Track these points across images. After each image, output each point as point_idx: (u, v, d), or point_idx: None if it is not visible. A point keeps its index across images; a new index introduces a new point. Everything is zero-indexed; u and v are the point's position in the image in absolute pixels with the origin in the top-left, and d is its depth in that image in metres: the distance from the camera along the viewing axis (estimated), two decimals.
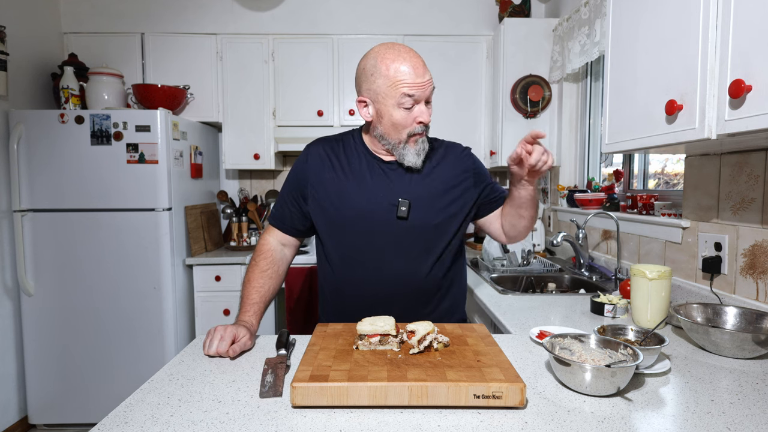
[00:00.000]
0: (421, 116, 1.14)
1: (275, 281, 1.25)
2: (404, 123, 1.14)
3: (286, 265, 1.30)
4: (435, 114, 2.78)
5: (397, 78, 1.11)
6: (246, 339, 1.05)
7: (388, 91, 1.12)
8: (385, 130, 1.17)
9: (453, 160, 1.27)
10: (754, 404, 0.81)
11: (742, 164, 1.33)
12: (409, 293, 1.22)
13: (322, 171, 1.23)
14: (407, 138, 1.16)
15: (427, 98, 1.15)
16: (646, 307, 1.25)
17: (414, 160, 1.18)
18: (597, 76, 2.49)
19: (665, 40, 1.14)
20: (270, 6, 2.86)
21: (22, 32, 2.49)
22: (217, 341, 1.02)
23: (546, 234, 2.79)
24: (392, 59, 1.12)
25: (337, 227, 1.22)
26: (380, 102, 1.14)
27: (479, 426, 0.73)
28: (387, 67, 1.11)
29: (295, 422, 0.74)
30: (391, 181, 1.21)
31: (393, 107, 1.13)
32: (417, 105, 1.14)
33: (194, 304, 2.60)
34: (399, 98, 1.11)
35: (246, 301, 1.19)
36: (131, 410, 0.79)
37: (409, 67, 1.11)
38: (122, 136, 2.33)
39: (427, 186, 1.21)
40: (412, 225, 1.19)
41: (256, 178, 3.19)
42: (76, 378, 2.39)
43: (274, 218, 1.30)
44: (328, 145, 1.28)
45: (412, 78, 1.10)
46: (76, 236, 2.35)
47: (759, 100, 0.87)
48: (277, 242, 1.29)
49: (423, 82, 1.12)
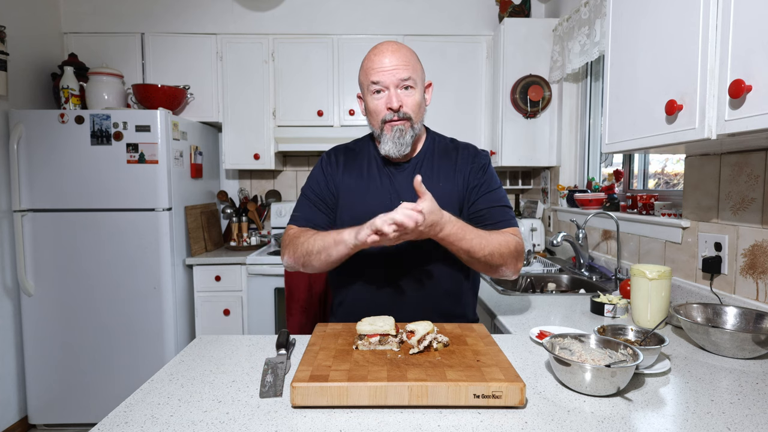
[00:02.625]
0: (389, 102, 1.14)
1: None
2: (376, 110, 1.16)
3: None
4: (434, 114, 2.81)
5: (367, 66, 1.16)
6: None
7: (363, 80, 1.18)
8: (369, 121, 1.21)
9: (463, 160, 1.24)
10: (754, 404, 0.81)
11: (742, 164, 1.33)
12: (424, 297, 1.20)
13: (338, 176, 1.25)
14: (382, 125, 1.16)
15: (396, 84, 1.13)
16: (646, 307, 1.25)
17: (389, 149, 1.16)
18: (597, 76, 2.49)
19: (665, 40, 1.14)
20: (270, 6, 2.86)
21: (22, 32, 2.49)
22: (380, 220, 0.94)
23: (546, 234, 2.79)
24: (371, 51, 1.18)
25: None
26: (363, 93, 1.20)
27: (479, 426, 0.73)
28: (365, 58, 1.18)
29: (295, 422, 0.74)
30: (396, 182, 1.21)
31: (368, 96, 1.17)
32: (386, 91, 1.14)
33: (194, 304, 2.60)
34: (368, 85, 1.15)
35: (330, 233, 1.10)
36: (131, 410, 0.79)
37: (378, 54, 1.15)
38: (122, 136, 2.33)
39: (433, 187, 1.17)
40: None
41: (256, 178, 3.19)
42: (76, 378, 2.39)
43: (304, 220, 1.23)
44: (345, 150, 1.30)
45: (378, 64, 1.13)
46: (76, 236, 2.35)
47: (759, 100, 0.87)
48: None
49: (388, 67, 1.12)
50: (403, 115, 1.14)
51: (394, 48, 1.15)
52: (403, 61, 1.13)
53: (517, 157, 2.69)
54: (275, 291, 2.59)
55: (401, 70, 1.13)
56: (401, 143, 1.16)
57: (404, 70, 1.13)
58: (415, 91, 1.16)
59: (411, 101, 1.15)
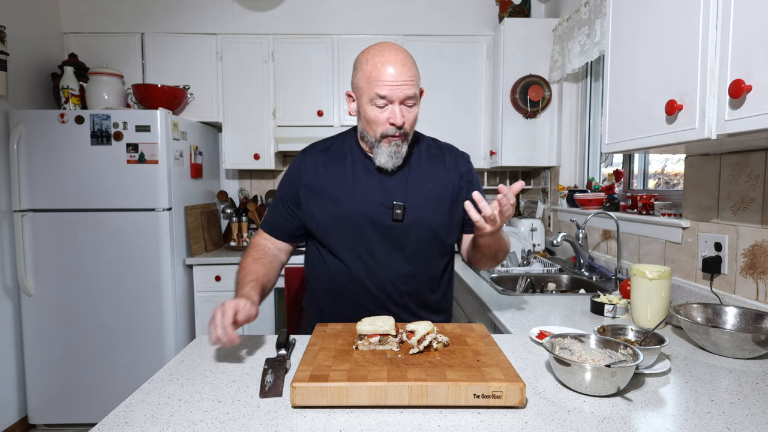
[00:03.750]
0: (392, 117, 1.10)
1: (269, 269, 1.21)
2: (376, 121, 1.12)
3: (279, 264, 1.28)
4: (435, 114, 2.82)
5: (372, 75, 1.09)
6: (248, 306, 0.99)
7: (364, 86, 1.11)
8: (363, 126, 1.17)
9: (451, 163, 1.27)
10: (754, 404, 0.81)
11: (742, 164, 1.33)
12: (404, 294, 1.22)
13: (316, 176, 1.22)
14: (380, 138, 1.14)
15: (402, 100, 1.10)
16: (646, 307, 1.25)
17: (384, 162, 1.16)
18: (597, 76, 2.49)
19: (665, 40, 1.14)
20: (270, 6, 2.86)
21: (22, 32, 2.49)
22: (220, 317, 0.93)
23: (546, 234, 2.79)
24: (373, 55, 1.11)
25: (332, 230, 1.21)
26: (359, 97, 1.15)
27: (479, 426, 0.73)
28: (367, 62, 1.11)
29: (295, 422, 0.74)
30: (385, 183, 1.20)
31: (367, 104, 1.12)
32: (390, 105, 1.11)
33: (194, 304, 2.60)
34: (372, 96, 1.10)
35: (241, 283, 1.13)
36: (131, 410, 0.79)
37: (386, 65, 1.08)
38: (122, 136, 2.33)
39: (423, 188, 1.21)
40: (408, 227, 1.19)
41: (256, 178, 3.19)
42: (76, 378, 2.39)
43: (266, 223, 1.30)
44: (322, 149, 1.27)
45: (386, 77, 1.08)
46: (76, 236, 2.35)
47: (759, 100, 0.87)
48: (270, 244, 1.29)
49: (397, 82, 1.08)
50: (404, 131, 1.14)
51: (402, 59, 1.10)
52: (410, 76, 1.10)
53: (517, 157, 2.69)
54: (275, 291, 2.59)
55: (408, 87, 1.10)
56: (397, 157, 1.16)
57: (411, 87, 1.10)
58: (416, 107, 1.16)
59: (411, 117, 1.15)
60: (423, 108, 2.88)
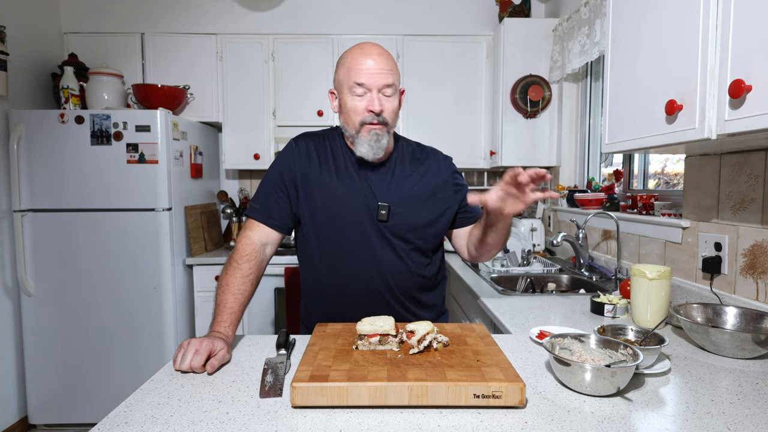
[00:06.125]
0: (371, 105, 1.13)
1: (255, 286, 1.17)
2: (355, 110, 1.15)
3: (265, 267, 1.22)
4: (435, 114, 2.82)
5: (350, 65, 1.14)
6: (224, 352, 0.97)
7: (344, 79, 1.16)
8: (344, 119, 1.19)
9: (435, 166, 1.28)
10: (754, 404, 0.81)
11: (742, 164, 1.33)
12: (390, 295, 1.23)
13: (309, 167, 1.22)
14: (360, 127, 1.15)
15: (380, 88, 1.13)
16: (646, 307, 1.25)
17: (365, 152, 1.17)
18: (597, 76, 2.49)
19: (665, 40, 1.14)
20: (270, 6, 2.86)
21: (22, 32, 2.49)
22: (191, 355, 0.92)
23: (546, 234, 2.79)
24: (353, 50, 1.16)
25: (321, 227, 1.21)
26: (340, 91, 1.18)
27: (479, 426, 0.73)
28: (347, 56, 1.17)
29: (295, 422, 0.74)
30: (372, 183, 1.21)
31: (347, 94, 1.15)
32: (369, 93, 1.14)
33: (194, 304, 2.60)
34: (351, 85, 1.14)
35: (222, 309, 1.08)
36: (131, 410, 0.79)
37: (364, 56, 1.13)
38: (122, 136, 2.33)
39: (407, 189, 1.22)
40: (392, 228, 1.19)
41: (256, 178, 3.19)
42: (76, 378, 2.39)
43: (260, 213, 1.21)
44: (315, 141, 1.27)
45: (364, 66, 1.12)
46: (76, 236, 2.35)
47: (759, 100, 0.87)
48: (259, 241, 1.20)
49: (374, 69, 1.12)
50: (382, 119, 1.15)
51: (380, 51, 1.16)
52: (388, 67, 1.14)
53: (517, 157, 2.69)
54: (275, 291, 2.59)
55: (386, 75, 1.14)
56: (378, 147, 1.17)
57: (389, 76, 1.14)
58: (395, 98, 1.18)
59: (390, 107, 1.16)
60: (423, 108, 2.92)
